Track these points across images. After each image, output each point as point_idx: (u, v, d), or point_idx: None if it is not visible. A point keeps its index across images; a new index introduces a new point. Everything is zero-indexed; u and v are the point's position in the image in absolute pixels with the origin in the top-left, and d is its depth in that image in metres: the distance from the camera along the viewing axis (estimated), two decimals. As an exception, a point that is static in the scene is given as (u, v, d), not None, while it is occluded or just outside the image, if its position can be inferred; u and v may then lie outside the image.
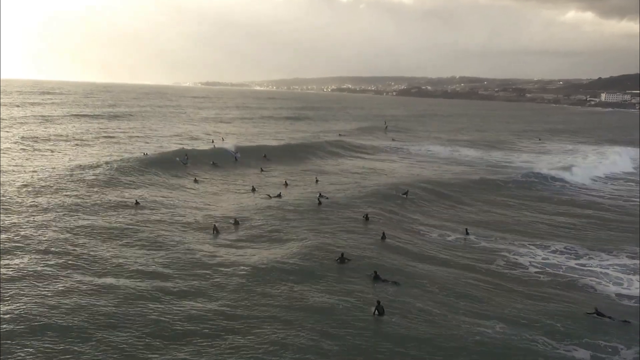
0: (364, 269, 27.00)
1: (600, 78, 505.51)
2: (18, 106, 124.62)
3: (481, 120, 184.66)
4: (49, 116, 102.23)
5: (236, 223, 34.51)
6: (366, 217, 36.97)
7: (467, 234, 35.29)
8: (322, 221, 36.03)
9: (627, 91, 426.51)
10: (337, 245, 30.24)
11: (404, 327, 21.01)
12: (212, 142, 78.73)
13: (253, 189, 46.50)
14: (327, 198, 42.15)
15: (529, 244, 34.00)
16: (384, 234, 32.83)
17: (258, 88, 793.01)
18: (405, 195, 45.06)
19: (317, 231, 33.50)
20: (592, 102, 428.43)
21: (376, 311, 21.71)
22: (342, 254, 28.15)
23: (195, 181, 49.34)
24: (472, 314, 22.64)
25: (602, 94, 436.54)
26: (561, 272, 28.98)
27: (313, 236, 32.18)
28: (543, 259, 31.21)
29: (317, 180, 52.15)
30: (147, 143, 73.94)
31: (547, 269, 29.53)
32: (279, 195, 43.14)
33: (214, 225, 33.32)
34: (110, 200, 39.02)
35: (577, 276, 28.44)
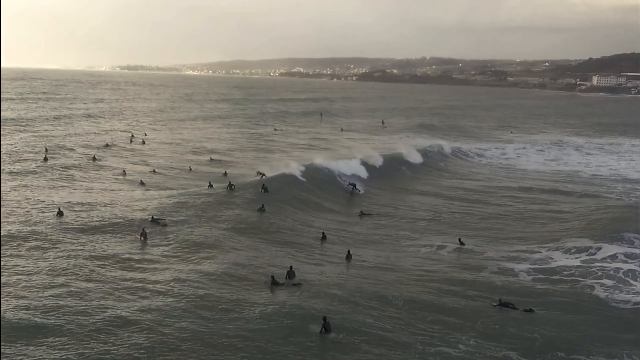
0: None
1: (591, 58, 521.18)
2: None
3: (519, 111, 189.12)
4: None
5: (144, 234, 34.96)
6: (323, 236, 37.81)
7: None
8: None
9: (622, 73, 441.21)
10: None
11: (351, 345, 22.47)
12: (131, 137, 79.05)
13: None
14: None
15: None
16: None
17: (191, 72, 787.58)
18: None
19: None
20: (583, 87, 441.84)
21: (323, 329, 23.03)
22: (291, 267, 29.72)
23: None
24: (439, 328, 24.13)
25: (593, 77, 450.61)
26: None
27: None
28: None
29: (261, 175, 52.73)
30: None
31: None
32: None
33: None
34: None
35: None
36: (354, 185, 52.62)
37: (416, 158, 68.20)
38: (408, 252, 36.11)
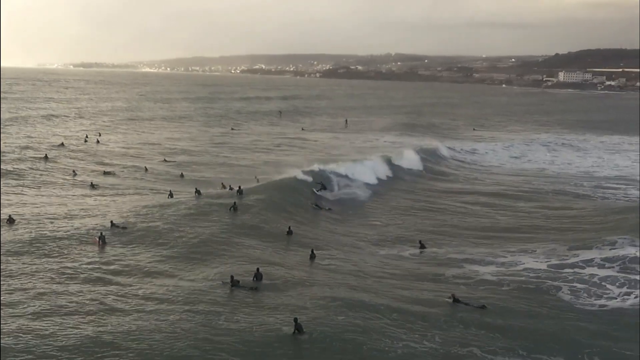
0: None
1: (557, 54, 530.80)
2: None
3: (490, 108, 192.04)
4: None
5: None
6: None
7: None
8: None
9: (588, 69, 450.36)
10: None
11: (324, 344, 23.17)
12: (86, 137, 78.38)
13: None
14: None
15: None
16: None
17: (148, 70, 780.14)
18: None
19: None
20: (549, 83, 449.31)
21: (295, 330, 23.59)
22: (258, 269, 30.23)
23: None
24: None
25: (559, 73, 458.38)
26: None
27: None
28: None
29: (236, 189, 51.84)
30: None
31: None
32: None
33: None
34: None
35: None
36: (322, 185, 52.44)
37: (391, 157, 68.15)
38: (370, 252, 36.89)
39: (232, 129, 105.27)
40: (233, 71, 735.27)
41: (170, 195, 46.39)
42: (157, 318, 24.67)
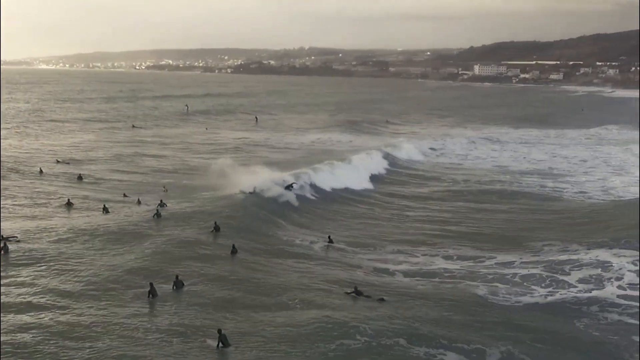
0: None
1: (472, 47, 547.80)
2: None
3: (404, 103, 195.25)
4: None
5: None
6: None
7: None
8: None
9: (503, 62, 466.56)
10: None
11: (252, 355, 22.82)
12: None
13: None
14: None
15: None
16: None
17: (44, 67, 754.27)
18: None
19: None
20: (465, 76, 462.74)
21: (220, 343, 22.92)
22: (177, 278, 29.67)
23: None
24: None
25: (475, 66, 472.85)
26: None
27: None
28: None
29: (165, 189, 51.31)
30: None
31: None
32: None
33: None
34: None
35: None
36: (292, 184, 51.44)
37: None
38: (282, 247, 37.88)
39: (133, 126, 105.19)
40: (138, 67, 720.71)
41: (69, 203, 44.89)
42: (69, 334, 23.81)
